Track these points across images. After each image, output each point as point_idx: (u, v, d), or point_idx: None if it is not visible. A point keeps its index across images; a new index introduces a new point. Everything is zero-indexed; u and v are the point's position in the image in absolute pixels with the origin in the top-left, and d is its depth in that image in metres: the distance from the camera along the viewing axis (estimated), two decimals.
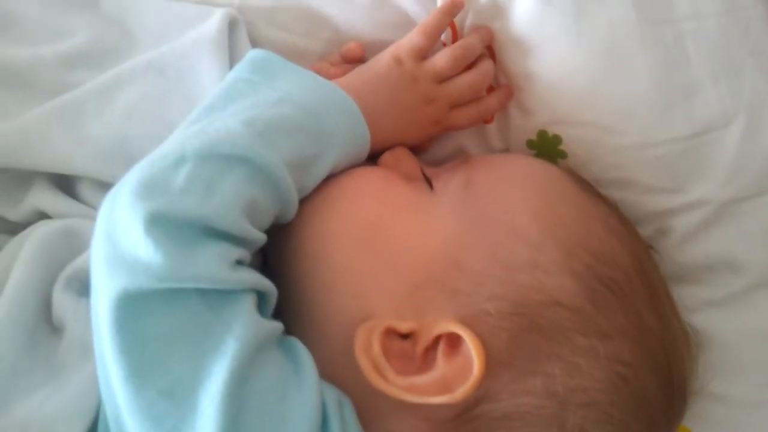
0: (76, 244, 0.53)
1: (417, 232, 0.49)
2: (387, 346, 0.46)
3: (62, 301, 0.50)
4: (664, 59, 0.54)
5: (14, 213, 0.58)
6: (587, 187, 0.54)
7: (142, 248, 0.41)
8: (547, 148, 0.59)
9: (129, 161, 0.54)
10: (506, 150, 0.62)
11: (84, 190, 0.57)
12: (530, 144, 0.60)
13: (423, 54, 0.56)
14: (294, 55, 0.60)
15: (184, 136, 0.47)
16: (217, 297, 0.42)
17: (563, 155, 0.59)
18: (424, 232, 0.49)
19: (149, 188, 0.43)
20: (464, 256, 0.48)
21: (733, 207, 0.56)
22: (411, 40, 0.56)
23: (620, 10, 0.54)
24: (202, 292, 0.42)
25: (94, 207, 0.57)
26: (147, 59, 0.57)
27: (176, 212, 0.42)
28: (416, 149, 0.59)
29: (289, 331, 0.49)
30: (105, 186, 0.56)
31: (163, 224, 0.42)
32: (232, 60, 0.58)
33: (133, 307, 0.41)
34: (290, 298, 0.50)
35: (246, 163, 0.45)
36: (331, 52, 0.61)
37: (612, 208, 0.53)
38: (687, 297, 0.57)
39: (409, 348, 0.46)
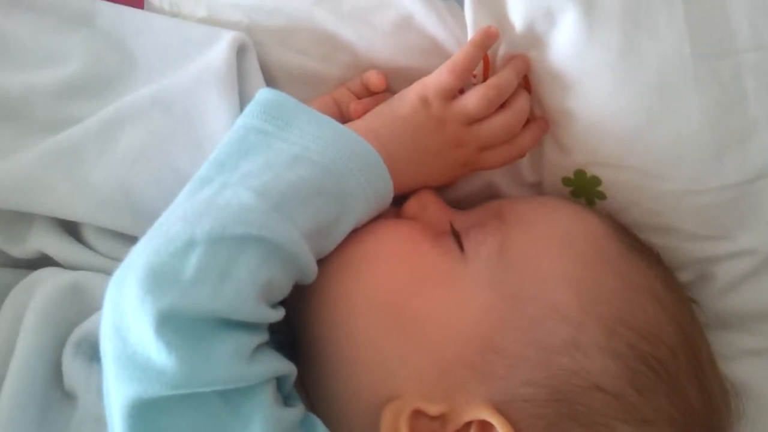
0: (84, 302, 0.50)
1: (448, 308, 0.46)
2: (415, 427, 0.44)
3: (73, 368, 0.48)
4: (719, 98, 0.49)
5: (17, 250, 0.55)
6: (628, 240, 0.51)
7: (154, 352, 0.38)
8: (584, 188, 0.55)
9: (134, 210, 0.52)
10: (539, 184, 0.58)
11: (89, 234, 0.54)
12: (566, 182, 0.56)
13: (452, 94, 0.52)
14: (311, 81, 0.56)
15: (192, 211, 0.43)
16: (235, 393, 0.40)
17: (602, 197, 0.55)
18: (455, 309, 0.46)
19: (157, 280, 0.40)
20: (499, 336, 0.45)
21: None
22: (439, 78, 0.51)
23: (673, 43, 0.48)
24: (219, 391, 0.40)
25: (101, 252, 0.54)
26: (150, 94, 0.53)
27: (188, 308, 0.39)
28: (443, 186, 0.55)
29: (310, 396, 0.48)
30: (110, 232, 0.53)
31: (174, 323, 0.39)
32: (242, 92, 0.54)
33: (148, 413, 0.39)
34: (311, 361, 0.48)
35: (261, 242, 0.42)
36: (351, 77, 0.56)
37: (654, 265, 0.50)
38: (725, 344, 0.54)
39: (438, 429, 0.44)
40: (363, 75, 0.55)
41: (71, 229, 0.55)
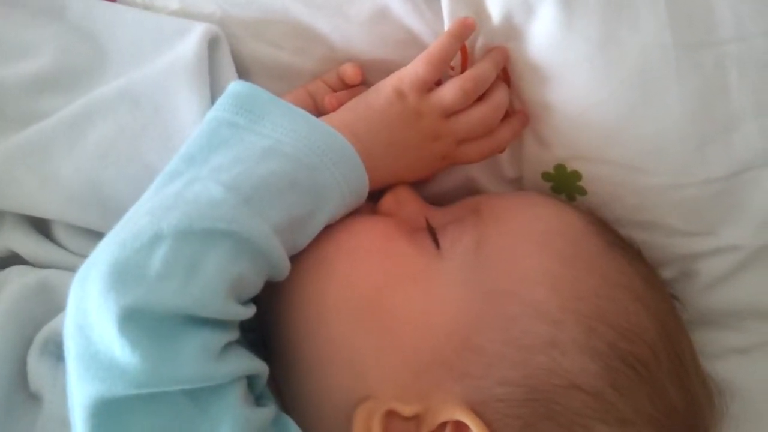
0: (52, 300, 0.49)
1: (423, 306, 0.44)
2: (388, 428, 0.42)
3: (39, 368, 0.47)
4: (702, 90, 0.48)
5: None
6: (609, 236, 0.49)
7: (118, 350, 0.37)
8: (564, 183, 0.53)
9: (103, 205, 0.51)
10: (519, 180, 0.56)
11: (58, 231, 0.53)
12: (546, 177, 0.54)
13: (428, 86, 0.50)
14: (285, 74, 0.55)
15: (160, 205, 0.41)
16: (202, 392, 0.39)
17: (582, 192, 0.53)
18: (430, 307, 0.44)
19: (122, 276, 0.38)
20: (475, 335, 0.43)
21: (766, 253, 0.52)
22: (415, 70, 0.50)
23: (654, 34, 0.47)
24: (186, 390, 0.38)
25: (71, 250, 0.53)
26: (119, 87, 0.51)
27: (154, 304, 0.38)
28: (421, 181, 0.54)
29: (284, 396, 0.47)
30: (80, 229, 0.52)
31: (139, 320, 0.38)
32: (214, 85, 0.52)
33: (111, 412, 0.38)
34: (284, 360, 0.47)
35: (230, 237, 0.40)
36: (327, 70, 0.55)
37: (636, 262, 0.49)
38: (710, 342, 0.53)
39: (413, 429, 0.43)
40: (339, 68, 0.54)
41: (41, 227, 0.54)
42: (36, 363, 0.47)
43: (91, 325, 0.38)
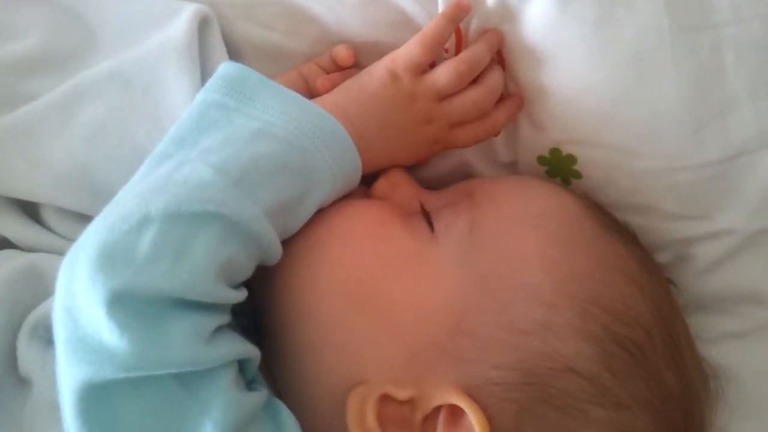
0: (41, 284, 0.48)
1: (416, 289, 0.44)
2: (382, 412, 0.42)
3: (28, 352, 0.46)
4: (698, 72, 0.48)
5: None
6: (604, 219, 0.49)
7: (106, 333, 0.37)
8: (559, 167, 0.53)
9: (92, 188, 0.50)
10: (515, 164, 0.56)
11: (48, 215, 0.52)
12: (542, 161, 0.54)
13: (422, 68, 0.50)
14: (277, 55, 0.54)
15: (149, 188, 0.41)
16: (192, 376, 0.38)
17: (577, 176, 0.53)
18: (424, 290, 0.44)
19: (110, 258, 0.38)
20: (469, 318, 0.43)
21: (761, 237, 0.51)
22: (409, 52, 0.49)
23: (650, 16, 0.47)
24: (175, 374, 0.38)
25: (60, 234, 0.52)
26: (109, 68, 0.50)
27: (142, 287, 0.37)
28: (414, 164, 0.53)
29: (276, 380, 0.47)
30: (70, 213, 0.51)
31: (127, 303, 0.37)
32: (205, 67, 0.52)
33: (100, 396, 0.37)
34: (277, 345, 0.46)
35: (220, 220, 0.40)
36: (320, 51, 0.54)
37: (631, 245, 0.48)
38: (705, 327, 0.53)
39: (408, 414, 0.43)
40: (332, 50, 0.53)
41: (30, 211, 0.53)
42: (25, 347, 0.46)
43: (80, 308, 0.37)
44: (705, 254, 0.52)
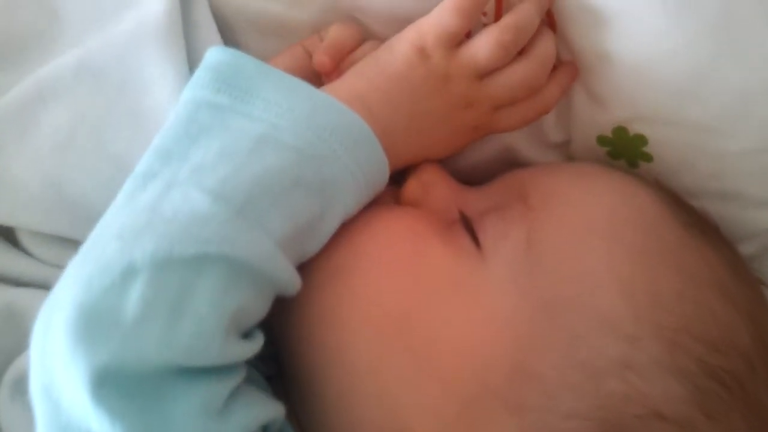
0: (21, 328, 0.41)
1: (464, 323, 0.37)
2: None
3: (11, 411, 0.41)
4: None
5: None
6: (685, 217, 0.41)
7: (94, 422, 0.30)
8: (625, 148, 0.45)
9: (69, 208, 0.43)
10: (566, 144, 0.47)
11: (24, 238, 0.45)
12: (602, 141, 0.45)
13: (456, 40, 0.41)
14: (279, 29, 0.47)
15: (131, 225, 0.33)
16: None
17: (648, 158, 0.45)
18: (473, 324, 0.37)
19: (91, 324, 0.31)
20: (531, 358, 0.36)
21: None
22: (440, 21, 0.40)
23: None
24: None
25: (40, 259, 0.45)
26: (76, 59, 0.42)
27: (133, 359, 0.30)
28: (450, 156, 0.45)
29: (303, 427, 0.40)
30: (48, 235, 0.44)
31: (116, 381, 0.30)
32: (191, 50, 0.44)
33: None
34: (301, 388, 0.40)
35: (223, 262, 0.32)
36: (328, 22, 0.45)
37: (717, 245, 0.41)
38: None
39: None
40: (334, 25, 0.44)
41: (5, 233, 0.46)
42: (8, 406, 0.40)
43: (59, 389, 0.31)
44: None
